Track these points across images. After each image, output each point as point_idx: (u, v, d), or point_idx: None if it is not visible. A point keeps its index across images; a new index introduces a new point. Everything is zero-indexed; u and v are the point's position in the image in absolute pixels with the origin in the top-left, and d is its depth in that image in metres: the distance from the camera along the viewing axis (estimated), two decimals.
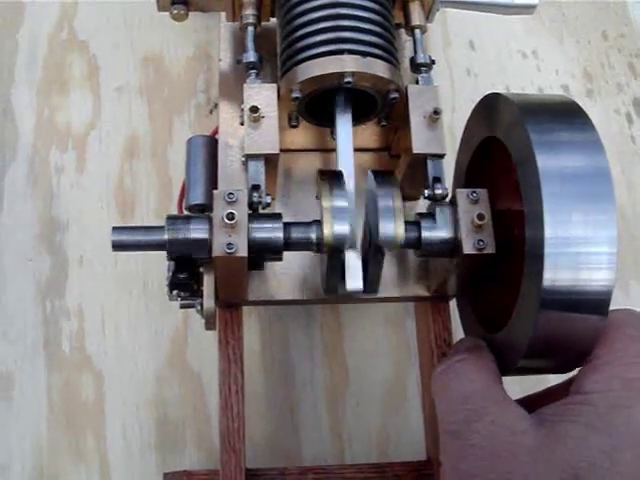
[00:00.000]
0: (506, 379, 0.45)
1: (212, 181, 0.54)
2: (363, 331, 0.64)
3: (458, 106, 0.73)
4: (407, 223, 0.48)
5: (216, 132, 0.59)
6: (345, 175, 0.48)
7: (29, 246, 0.66)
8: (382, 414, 0.62)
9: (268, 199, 0.47)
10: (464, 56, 0.76)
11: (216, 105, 0.71)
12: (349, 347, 0.64)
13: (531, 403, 0.43)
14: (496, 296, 0.49)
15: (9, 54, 0.73)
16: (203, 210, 0.55)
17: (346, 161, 0.49)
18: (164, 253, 0.47)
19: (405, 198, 0.54)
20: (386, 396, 0.63)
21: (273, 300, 0.53)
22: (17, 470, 0.59)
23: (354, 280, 0.44)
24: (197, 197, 0.54)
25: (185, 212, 0.56)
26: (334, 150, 0.55)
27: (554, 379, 0.47)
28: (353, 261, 0.45)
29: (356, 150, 0.51)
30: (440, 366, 0.46)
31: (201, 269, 0.49)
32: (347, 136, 0.50)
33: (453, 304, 0.55)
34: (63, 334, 0.63)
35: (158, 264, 0.61)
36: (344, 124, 0.50)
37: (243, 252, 0.44)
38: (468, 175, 0.53)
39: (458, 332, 0.54)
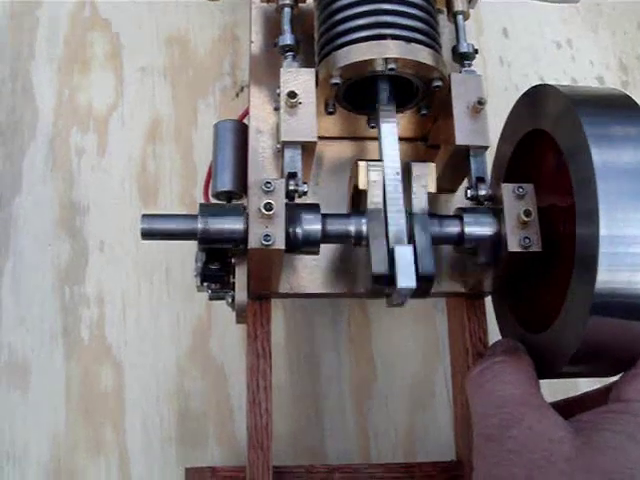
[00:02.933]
0: None
1: (240, 167, 0.53)
2: (391, 325, 0.63)
3: (491, 95, 0.71)
4: (448, 217, 0.46)
5: (243, 116, 0.58)
6: (391, 166, 0.46)
7: (48, 230, 0.64)
8: (409, 411, 0.61)
9: (305, 187, 0.46)
10: (497, 44, 0.75)
11: (242, 88, 0.69)
12: (376, 342, 0.62)
13: (566, 408, 0.42)
14: (537, 295, 0.47)
15: (29, 30, 0.71)
16: (230, 197, 0.53)
17: (392, 151, 0.47)
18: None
19: (442, 191, 0.53)
20: (413, 392, 0.61)
21: (304, 293, 0.51)
22: (33, 462, 0.58)
23: (406, 277, 0.42)
24: (224, 183, 0.52)
25: (211, 198, 0.54)
26: (369, 138, 0.54)
27: (584, 380, 0.46)
28: (404, 256, 0.42)
29: None
30: (476, 367, 0.45)
31: (233, 260, 0.47)
32: (391, 125, 0.48)
33: (488, 300, 0.53)
34: (82, 322, 0.62)
35: (181, 251, 0.61)
36: (387, 112, 0.48)
37: (280, 244, 0.42)
38: (509, 169, 0.51)
39: (493, 330, 0.52)
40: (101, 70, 0.70)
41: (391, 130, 0.48)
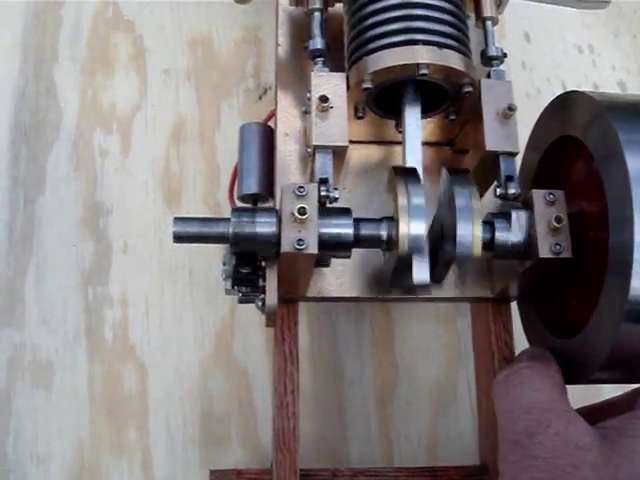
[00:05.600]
0: None
1: (266, 170, 0.53)
2: (413, 329, 0.63)
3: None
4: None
5: (268, 119, 0.58)
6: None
7: (72, 231, 0.64)
8: (431, 415, 0.61)
9: (336, 194, 0.46)
10: (519, 49, 0.74)
11: (265, 91, 0.69)
12: (399, 345, 0.62)
13: (590, 415, 0.42)
14: (566, 300, 0.47)
15: (52, 30, 0.71)
16: (256, 200, 0.53)
17: (414, 155, 0.47)
18: None
19: None
20: (435, 396, 0.61)
21: (331, 297, 0.51)
22: (57, 462, 0.58)
23: (421, 273, 0.43)
24: (250, 186, 0.53)
25: (236, 201, 0.54)
26: (396, 143, 0.54)
27: (607, 387, 0.46)
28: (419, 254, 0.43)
29: None
30: (503, 372, 0.45)
31: (263, 263, 0.47)
32: (416, 129, 0.48)
33: (513, 303, 0.53)
34: (106, 323, 0.62)
35: (204, 252, 0.60)
36: (413, 117, 0.48)
37: (313, 248, 0.42)
38: (536, 176, 0.51)
39: (519, 334, 0.52)
40: (124, 71, 0.70)
41: (415, 133, 0.48)
